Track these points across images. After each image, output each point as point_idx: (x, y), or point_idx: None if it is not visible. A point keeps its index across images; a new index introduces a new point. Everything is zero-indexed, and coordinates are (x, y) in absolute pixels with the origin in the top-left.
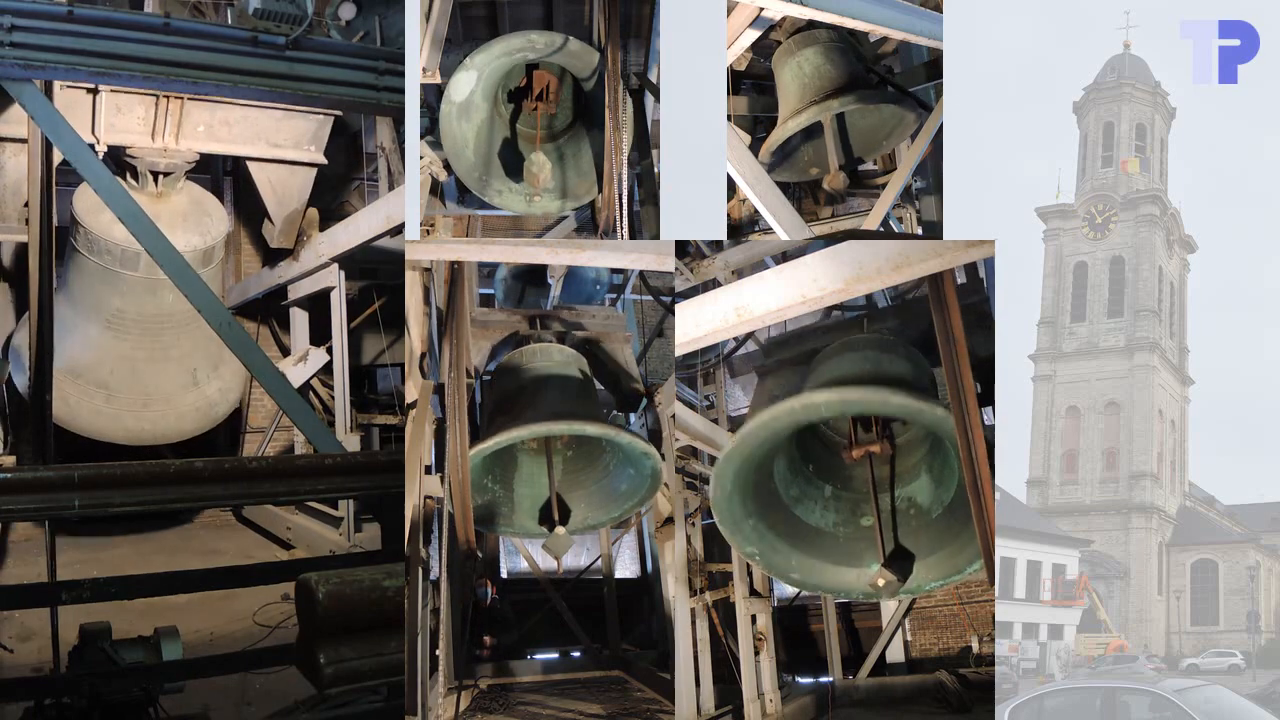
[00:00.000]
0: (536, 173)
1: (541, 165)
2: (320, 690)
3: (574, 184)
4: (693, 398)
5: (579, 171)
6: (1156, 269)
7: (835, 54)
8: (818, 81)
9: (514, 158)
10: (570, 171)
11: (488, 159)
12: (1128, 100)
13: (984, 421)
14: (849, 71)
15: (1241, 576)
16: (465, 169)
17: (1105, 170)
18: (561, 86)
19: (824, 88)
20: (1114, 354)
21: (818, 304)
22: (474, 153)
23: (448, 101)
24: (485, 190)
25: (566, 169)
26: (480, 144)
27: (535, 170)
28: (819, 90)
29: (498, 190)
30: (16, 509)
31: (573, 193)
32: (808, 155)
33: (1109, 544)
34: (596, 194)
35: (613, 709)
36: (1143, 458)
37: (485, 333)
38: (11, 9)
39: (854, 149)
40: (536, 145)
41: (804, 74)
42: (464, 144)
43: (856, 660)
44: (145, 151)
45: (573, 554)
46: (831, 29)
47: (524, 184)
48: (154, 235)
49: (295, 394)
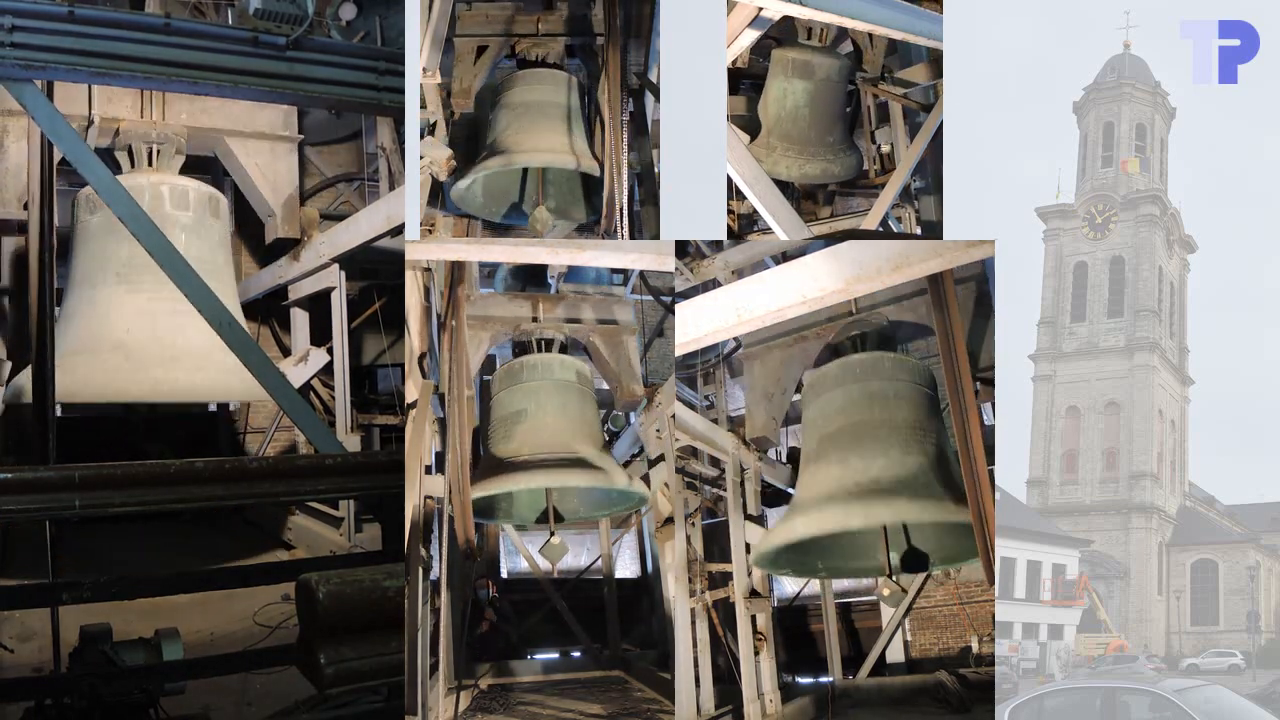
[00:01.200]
0: (540, 229)
1: (545, 221)
2: (320, 690)
3: (573, 210)
4: (693, 398)
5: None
6: (1156, 269)
7: (822, 98)
8: (790, 125)
9: (516, 209)
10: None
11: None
12: (1128, 100)
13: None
14: (827, 121)
15: (1241, 576)
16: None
17: (1105, 170)
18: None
19: (793, 135)
20: (1114, 354)
21: (818, 304)
22: (481, 210)
23: (455, 190)
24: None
25: (569, 204)
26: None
27: (540, 227)
28: (787, 135)
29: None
30: (16, 509)
31: (571, 217)
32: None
33: (1109, 544)
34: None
35: (613, 709)
36: (1143, 458)
37: (485, 325)
38: (11, 9)
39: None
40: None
41: (783, 106)
42: (473, 203)
43: (856, 660)
44: (136, 125)
45: (573, 554)
46: (832, 59)
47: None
48: (154, 235)
49: (296, 394)
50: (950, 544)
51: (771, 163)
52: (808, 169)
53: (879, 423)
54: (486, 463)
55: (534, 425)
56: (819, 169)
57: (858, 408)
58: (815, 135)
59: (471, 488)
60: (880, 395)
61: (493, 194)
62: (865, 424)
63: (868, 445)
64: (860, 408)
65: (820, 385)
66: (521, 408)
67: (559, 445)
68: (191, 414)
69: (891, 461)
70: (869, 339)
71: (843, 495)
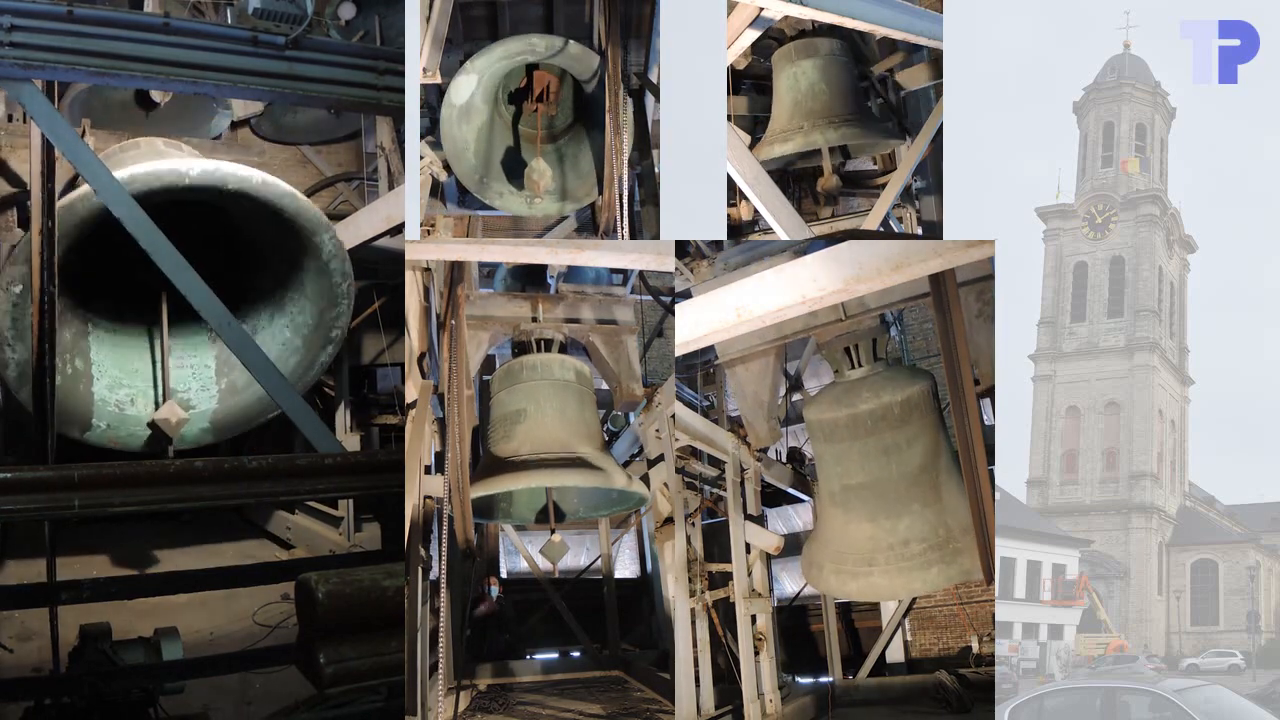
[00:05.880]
0: (537, 180)
1: (542, 172)
2: (320, 690)
3: (574, 187)
4: (693, 398)
5: (579, 174)
6: (1156, 269)
7: (833, 71)
8: (811, 102)
9: (515, 163)
10: (570, 174)
11: (488, 162)
12: (1128, 100)
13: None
14: (844, 92)
15: (1241, 576)
16: (466, 171)
17: (1105, 170)
18: (562, 87)
19: (816, 110)
20: (1114, 354)
21: (818, 304)
22: (475, 155)
23: (448, 105)
24: (486, 193)
25: (567, 171)
26: (481, 147)
27: (536, 177)
28: (811, 111)
29: (498, 193)
30: (16, 509)
31: (573, 195)
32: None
33: (1109, 544)
34: (597, 196)
35: (613, 709)
36: (1143, 458)
37: (485, 325)
38: (11, 9)
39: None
40: (537, 146)
41: (799, 89)
42: (465, 146)
43: (856, 660)
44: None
45: (572, 554)
46: (833, 38)
47: (525, 189)
48: (152, 233)
49: (296, 394)
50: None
51: (803, 138)
52: (844, 131)
53: (897, 478)
54: (486, 462)
55: (534, 425)
56: (855, 132)
57: (876, 463)
58: (839, 104)
59: (471, 487)
60: (893, 447)
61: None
62: (885, 480)
63: (891, 503)
64: (878, 463)
65: (832, 433)
66: (521, 407)
67: (559, 445)
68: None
69: (915, 519)
70: (862, 350)
71: (883, 563)
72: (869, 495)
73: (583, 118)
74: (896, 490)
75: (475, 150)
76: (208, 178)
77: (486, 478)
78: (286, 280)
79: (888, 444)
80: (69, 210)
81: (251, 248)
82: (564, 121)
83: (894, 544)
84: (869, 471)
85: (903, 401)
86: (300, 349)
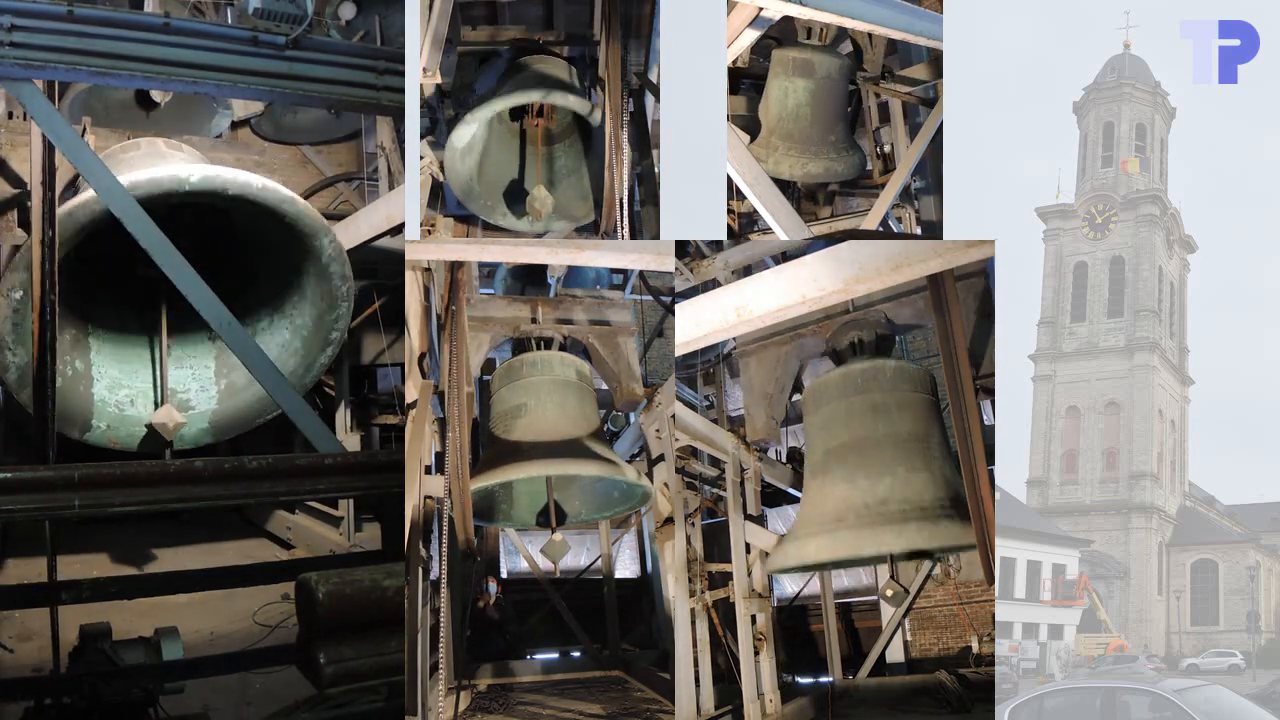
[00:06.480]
0: (539, 207)
1: (544, 200)
2: (320, 690)
3: (574, 207)
4: (693, 398)
5: (579, 194)
6: (1156, 269)
7: (822, 95)
8: (792, 124)
9: (518, 191)
10: (571, 194)
11: (494, 190)
12: (1128, 100)
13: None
14: (827, 120)
15: (1241, 576)
16: (472, 202)
17: (1105, 170)
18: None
19: (794, 134)
20: (1114, 354)
21: (818, 304)
22: (480, 184)
23: (451, 148)
24: (491, 215)
25: (567, 190)
26: (486, 175)
27: (538, 205)
28: (789, 135)
29: (502, 214)
30: (16, 509)
31: (572, 215)
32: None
33: (1109, 544)
34: (595, 215)
35: (613, 709)
36: (1143, 458)
37: (485, 326)
38: (11, 9)
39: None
40: (538, 147)
41: (785, 105)
42: (470, 180)
43: (856, 660)
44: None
45: (573, 554)
46: (833, 57)
47: (527, 214)
48: (153, 234)
49: (295, 394)
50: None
51: (774, 162)
52: (810, 168)
53: (882, 437)
54: (487, 455)
55: (534, 418)
56: (821, 168)
57: (861, 421)
58: (817, 134)
59: (472, 479)
60: (883, 407)
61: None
62: (869, 440)
63: (873, 462)
64: (864, 421)
65: (822, 395)
66: (521, 402)
67: (560, 435)
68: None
69: (898, 481)
70: (867, 342)
71: (853, 519)
72: (850, 455)
73: (581, 122)
74: (881, 451)
75: (480, 179)
76: (208, 183)
77: (487, 469)
78: (286, 283)
79: (877, 403)
80: (69, 217)
81: (251, 251)
82: (562, 122)
83: (870, 502)
84: (853, 430)
85: (897, 367)
86: (299, 351)
